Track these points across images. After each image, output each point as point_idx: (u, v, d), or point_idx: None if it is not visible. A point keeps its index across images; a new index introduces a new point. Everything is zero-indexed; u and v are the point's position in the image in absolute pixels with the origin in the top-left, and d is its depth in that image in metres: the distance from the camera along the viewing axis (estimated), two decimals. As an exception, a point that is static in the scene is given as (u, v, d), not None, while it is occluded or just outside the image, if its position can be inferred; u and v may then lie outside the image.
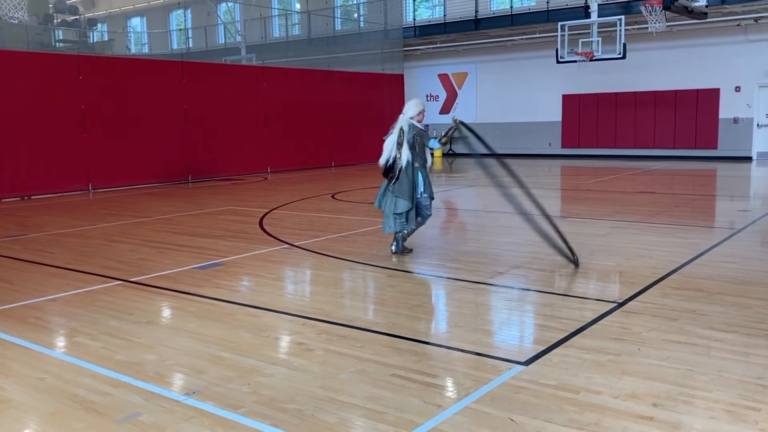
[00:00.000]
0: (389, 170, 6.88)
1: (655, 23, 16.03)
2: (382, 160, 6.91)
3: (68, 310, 5.40)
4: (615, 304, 5.13)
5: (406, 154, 6.79)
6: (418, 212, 7.03)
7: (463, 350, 4.23)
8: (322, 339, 4.50)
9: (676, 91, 20.56)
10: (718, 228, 8.92)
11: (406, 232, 7.09)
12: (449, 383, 3.72)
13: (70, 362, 4.20)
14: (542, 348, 4.22)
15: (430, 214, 7.21)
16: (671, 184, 14.69)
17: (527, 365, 3.94)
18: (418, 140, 6.88)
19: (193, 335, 4.67)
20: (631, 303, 5.16)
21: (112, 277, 6.46)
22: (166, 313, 5.40)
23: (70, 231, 9.39)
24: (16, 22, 20.41)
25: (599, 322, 4.71)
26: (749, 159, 19.69)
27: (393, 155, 6.82)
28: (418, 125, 6.91)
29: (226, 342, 4.49)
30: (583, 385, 3.64)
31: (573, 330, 4.54)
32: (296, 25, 28.13)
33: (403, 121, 6.85)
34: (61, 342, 4.66)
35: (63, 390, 3.75)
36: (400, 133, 6.80)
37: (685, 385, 3.61)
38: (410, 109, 6.90)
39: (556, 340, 4.34)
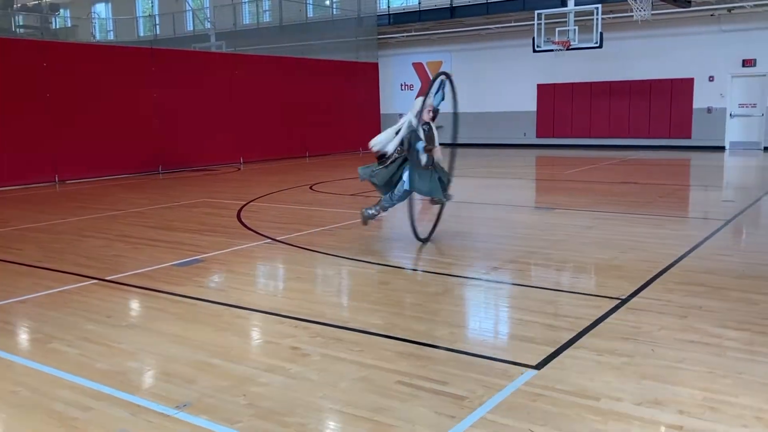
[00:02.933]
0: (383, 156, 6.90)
1: (640, 11, 15.94)
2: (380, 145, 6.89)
3: (40, 313, 5.03)
4: (619, 301, 4.95)
5: (392, 146, 6.75)
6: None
7: (468, 353, 4.01)
8: (317, 342, 4.23)
9: (651, 80, 20.60)
10: (706, 219, 8.85)
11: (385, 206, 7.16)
12: (460, 391, 3.48)
13: (46, 372, 3.86)
14: (552, 349, 4.01)
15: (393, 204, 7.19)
16: (650, 173, 14.67)
17: (539, 369, 3.73)
18: (409, 138, 6.72)
19: (179, 339, 4.36)
20: (635, 299, 4.99)
21: (85, 275, 6.09)
22: (147, 314, 5.08)
23: (39, 225, 8.94)
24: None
25: (606, 320, 4.52)
26: (722, 148, 19.84)
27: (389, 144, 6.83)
28: (416, 124, 6.70)
29: (215, 347, 4.19)
30: (602, 390, 3.44)
31: (581, 329, 4.34)
32: (267, 12, 27.54)
33: (411, 116, 6.75)
34: (34, 349, 4.31)
35: (39, 404, 3.43)
36: (408, 125, 6.77)
37: (708, 389, 3.43)
38: (415, 106, 6.80)
39: (565, 341, 4.14)
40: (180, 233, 8.15)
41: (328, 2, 26.53)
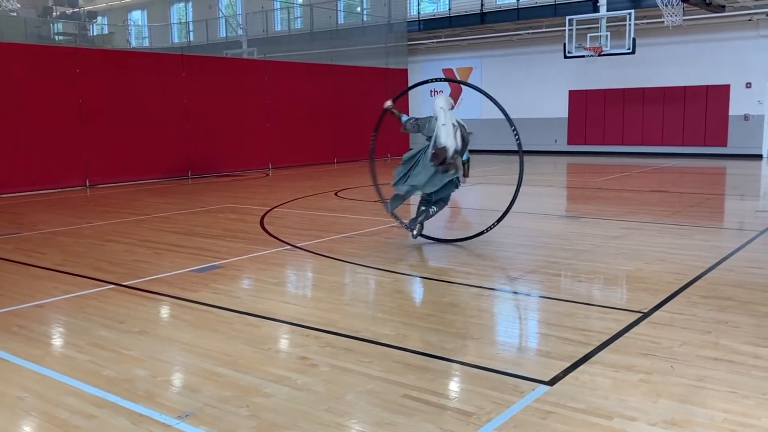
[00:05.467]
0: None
1: (671, 17, 15.61)
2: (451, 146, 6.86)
3: (56, 318, 5.07)
4: (640, 314, 4.79)
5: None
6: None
7: (480, 367, 3.89)
8: (326, 353, 4.16)
9: (685, 87, 20.18)
10: (738, 230, 8.58)
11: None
12: (467, 406, 3.38)
13: (54, 378, 3.86)
14: (566, 365, 3.88)
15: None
16: (682, 182, 14.34)
17: (552, 385, 3.60)
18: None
19: (188, 347, 4.33)
20: (657, 313, 4.82)
21: (104, 280, 6.12)
22: (160, 321, 5.07)
23: (65, 229, 9.05)
24: (15, 14, 19.99)
25: (625, 335, 4.37)
26: (759, 157, 19.32)
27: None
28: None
29: (223, 355, 4.15)
30: (615, 409, 3.30)
31: (598, 344, 4.20)
32: (298, 19, 27.73)
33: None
34: (45, 354, 4.31)
35: (44, 411, 3.42)
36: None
37: (729, 410, 3.27)
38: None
39: (581, 356, 4.00)
40: (202, 239, 8.16)
41: (358, 9, 26.59)
